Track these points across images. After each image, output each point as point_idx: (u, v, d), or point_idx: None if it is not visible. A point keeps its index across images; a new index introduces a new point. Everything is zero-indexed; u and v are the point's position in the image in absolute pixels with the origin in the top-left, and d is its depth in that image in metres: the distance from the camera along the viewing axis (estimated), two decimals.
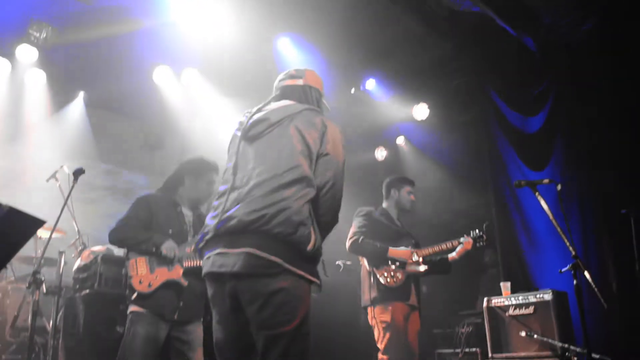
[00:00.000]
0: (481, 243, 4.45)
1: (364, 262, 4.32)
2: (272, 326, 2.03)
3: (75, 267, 4.89)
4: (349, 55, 6.69)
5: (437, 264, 4.45)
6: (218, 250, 2.13)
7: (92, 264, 4.54)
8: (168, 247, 3.35)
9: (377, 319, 4.12)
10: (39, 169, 5.25)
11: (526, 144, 6.09)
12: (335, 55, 6.49)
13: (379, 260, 4.21)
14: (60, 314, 4.86)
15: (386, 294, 4.13)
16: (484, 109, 6.59)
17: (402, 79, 7.05)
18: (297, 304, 2.07)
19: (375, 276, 4.18)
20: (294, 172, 2.19)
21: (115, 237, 3.43)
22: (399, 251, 4.21)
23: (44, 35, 5.64)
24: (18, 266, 5.52)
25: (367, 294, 4.23)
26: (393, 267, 4.20)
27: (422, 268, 4.26)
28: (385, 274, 4.17)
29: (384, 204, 4.58)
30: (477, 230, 4.48)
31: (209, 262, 2.17)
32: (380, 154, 7.82)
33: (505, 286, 5.29)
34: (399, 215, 4.57)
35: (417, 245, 4.41)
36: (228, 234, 2.12)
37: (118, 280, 4.39)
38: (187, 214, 3.65)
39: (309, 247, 2.10)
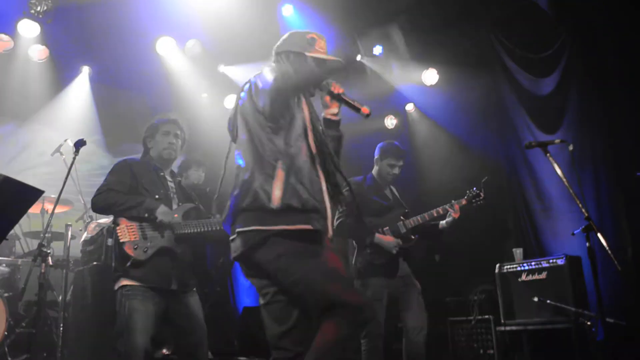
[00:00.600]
0: (479, 201, 4.33)
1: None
2: (290, 287, 2.23)
3: (82, 239, 4.90)
4: (355, 20, 6.54)
5: (427, 233, 4.36)
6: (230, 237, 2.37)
7: (98, 236, 4.51)
8: (163, 212, 3.20)
9: None
10: (45, 143, 5.23)
11: (538, 106, 5.93)
12: (341, 21, 6.35)
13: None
14: (71, 287, 4.89)
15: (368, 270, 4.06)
16: (494, 72, 6.42)
17: (410, 44, 6.89)
18: (296, 263, 2.21)
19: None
20: (258, 152, 2.35)
21: (102, 203, 3.24)
22: (384, 240, 4.09)
23: (44, 8, 5.56)
24: (29, 242, 5.55)
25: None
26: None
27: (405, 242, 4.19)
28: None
29: (373, 170, 4.42)
30: (473, 189, 4.34)
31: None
32: (390, 122, 7.70)
33: (518, 252, 5.22)
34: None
35: (407, 215, 4.29)
36: (231, 219, 2.35)
37: None
38: (169, 178, 3.52)
39: (273, 203, 2.22)
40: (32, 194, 2.50)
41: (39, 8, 5.48)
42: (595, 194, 5.28)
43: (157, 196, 3.32)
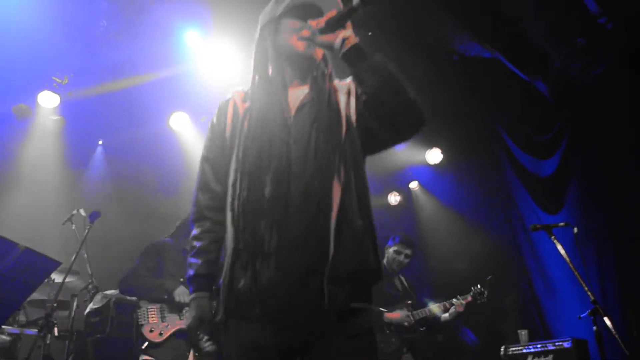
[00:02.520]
0: (483, 300, 4.42)
1: None
2: None
3: (87, 310, 4.88)
4: None
5: (430, 323, 4.39)
6: None
7: (104, 308, 4.52)
8: (180, 293, 3.37)
9: None
10: (56, 212, 5.31)
11: (540, 187, 6.08)
12: None
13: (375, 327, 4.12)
14: (71, 358, 4.81)
15: None
16: (497, 153, 6.61)
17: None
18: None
19: None
20: None
21: (126, 287, 3.50)
22: (394, 315, 4.13)
23: (66, 81, 5.85)
24: (30, 310, 5.51)
25: None
26: (388, 332, 4.12)
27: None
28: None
29: (384, 260, 4.50)
30: (478, 286, 4.46)
31: None
32: (394, 198, 7.81)
33: (523, 334, 5.17)
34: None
35: (413, 307, 4.35)
36: None
37: (130, 324, 4.35)
38: None
39: None
40: (50, 265, 2.57)
41: (62, 81, 5.75)
42: (599, 275, 5.30)
43: (181, 279, 3.45)
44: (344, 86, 1.93)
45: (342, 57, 1.77)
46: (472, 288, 4.45)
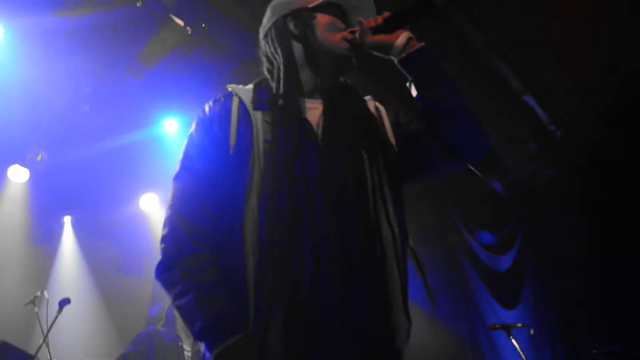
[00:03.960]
0: None
1: None
2: None
3: None
4: None
5: None
6: None
7: None
8: None
9: None
10: (17, 295, 5.20)
11: (498, 282, 6.32)
12: None
13: None
14: None
15: None
16: (456, 247, 6.88)
17: None
18: None
19: None
20: None
21: None
22: None
23: (40, 157, 5.89)
24: None
25: None
26: None
27: None
28: None
29: None
30: None
31: None
32: None
33: None
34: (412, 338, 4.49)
35: None
36: None
37: None
38: (187, 348, 3.66)
39: None
40: (25, 358, 2.56)
41: (36, 158, 5.80)
42: None
43: None
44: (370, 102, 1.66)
45: (403, 61, 1.51)
46: None
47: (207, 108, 1.56)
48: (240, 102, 1.51)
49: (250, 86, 1.60)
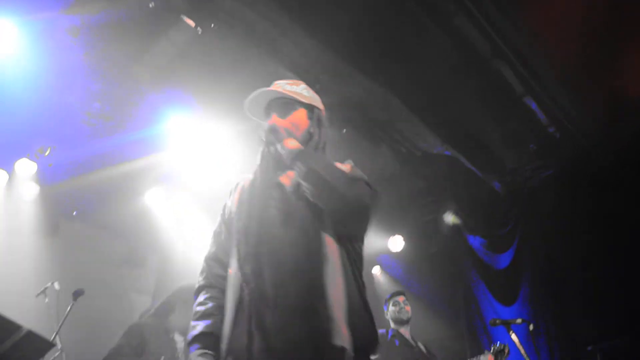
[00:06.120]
0: (503, 358, 4.19)
1: None
2: None
3: None
4: None
5: None
6: None
7: None
8: None
9: None
10: (30, 286, 5.28)
11: (496, 279, 6.43)
12: None
13: None
14: None
15: None
16: (456, 245, 6.99)
17: (378, 212, 7.38)
18: None
19: None
20: None
21: None
22: None
23: (48, 152, 5.97)
24: None
25: None
26: None
27: None
28: None
29: (392, 324, 4.59)
30: (497, 344, 4.22)
31: None
32: None
33: None
34: (412, 332, 4.53)
35: None
36: None
37: None
38: (178, 340, 3.71)
39: None
40: (47, 346, 2.67)
41: (44, 153, 5.87)
42: None
43: (162, 358, 3.50)
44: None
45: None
46: (492, 346, 4.23)
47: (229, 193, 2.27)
48: (243, 185, 2.20)
49: None
